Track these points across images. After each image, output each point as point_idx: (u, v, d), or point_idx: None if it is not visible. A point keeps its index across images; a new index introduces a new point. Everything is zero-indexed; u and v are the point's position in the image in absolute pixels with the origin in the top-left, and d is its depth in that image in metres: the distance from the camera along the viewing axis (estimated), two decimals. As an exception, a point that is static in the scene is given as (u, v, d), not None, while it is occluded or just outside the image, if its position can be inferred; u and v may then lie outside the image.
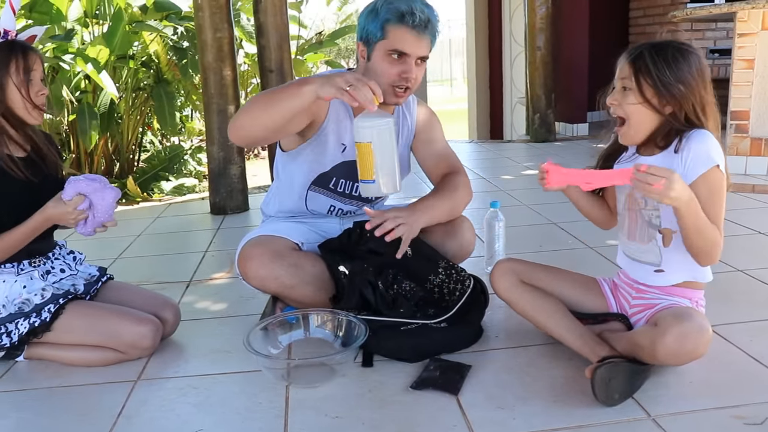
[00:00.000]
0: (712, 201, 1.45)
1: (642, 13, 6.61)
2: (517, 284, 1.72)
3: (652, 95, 1.45)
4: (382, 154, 1.60)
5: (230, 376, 1.71)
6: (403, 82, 1.77)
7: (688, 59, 1.46)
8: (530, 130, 5.80)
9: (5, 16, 1.71)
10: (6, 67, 1.69)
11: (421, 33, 1.75)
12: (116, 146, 5.16)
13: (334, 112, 1.89)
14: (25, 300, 1.75)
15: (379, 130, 1.59)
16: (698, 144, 1.45)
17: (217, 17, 3.35)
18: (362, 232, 1.91)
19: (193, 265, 2.71)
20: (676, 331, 1.41)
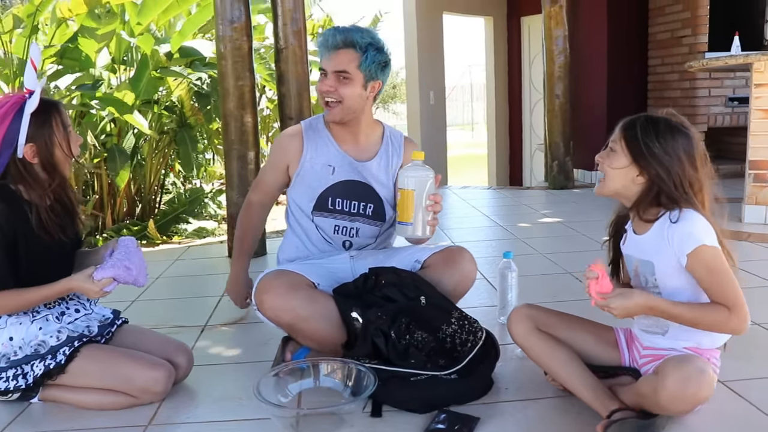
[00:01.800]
0: (713, 279, 1.47)
1: (660, 61, 6.66)
2: (532, 331, 1.72)
3: (633, 161, 1.51)
4: (421, 201, 1.83)
5: (240, 424, 1.71)
6: (323, 95, 2.03)
7: (677, 137, 1.50)
8: (549, 176, 5.82)
9: (30, 76, 1.78)
10: (49, 127, 1.76)
11: (330, 51, 2.01)
12: (138, 188, 5.26)
13: (309, 143, 2.11)
14: (41, 342, 1.78)
15: (422, 180, 1.84)
16: (681, 226, 1.47)
17: (239, 66, 3.45)
18: (378, 278, 1.93)
19: (209, 309, 2.74)
20: (676, 376, 1.40)
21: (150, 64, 4.69)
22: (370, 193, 2.11)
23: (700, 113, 6.00)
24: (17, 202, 1.75)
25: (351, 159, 2.11)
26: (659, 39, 6.64)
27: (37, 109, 1.74)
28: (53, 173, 1.79)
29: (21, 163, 1.75)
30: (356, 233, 2.12)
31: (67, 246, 1.87)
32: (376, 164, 2.13)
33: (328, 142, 2.12)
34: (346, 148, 2.12)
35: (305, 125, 2.17)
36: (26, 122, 1.73)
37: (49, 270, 1.79)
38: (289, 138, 2.16)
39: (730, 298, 1.45)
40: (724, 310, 1.45)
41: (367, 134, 2.15)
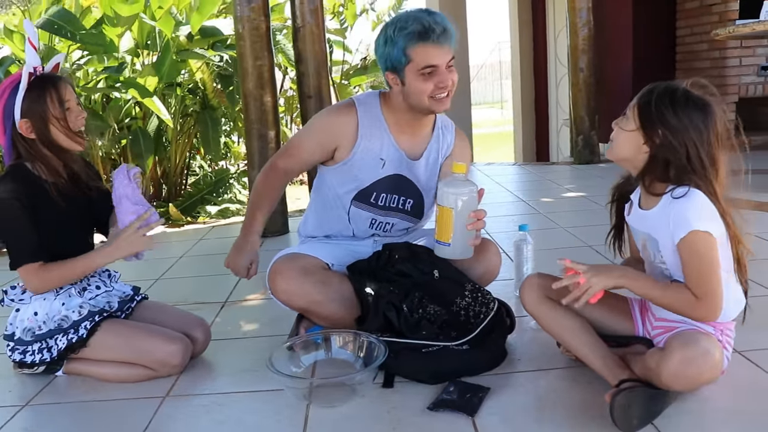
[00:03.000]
0: (692, 264, 1.44)
1: (689, 31, 6.49)
2: (543, 300, 1.71)
3: (641, 126, 1.47)
4: (461, 221, 1.70)
5: (255, 395, 1.75)
6: (441, 91, 1.86)
7: (693, 109, 1.45)
8: (574, 151, 5.75)
9: (30, 54, 1.82)
10: (43, 103, 1.78)
11: (442, 43, 1.83)
12: (164, 171, 5.34)
13: (365, 131, 1.97)
14: (64, 317, 1.84)
15: (463, 199, 1.70)
16: (681, 207, 1.44)
17: (257, 46, 3.46)
18: (391, 254, 1.94)
19: (229, 286, 2.78)
20: (679, 356, 1.39)
21: (172, 48, 4.74)
22: (413, 189, 2.04)
23: (730, 83, 5.84)
24: (32, 180, 1.80)
25: (403, 155, 2.00)
26: (688, 8, 6.47)
27: (33, 84, 1.78)
28: (54, 149, 1.83)
29: (24, 140, 1.80)
30: (390, 228, 2.09)
31: (86, 214, 1.93)
32: (424, 163, 2.04)
33: (384, 132, 1.99)
34: (401, 142, 2.00)
35: (361, 109, 1.99)
36: (20, 97, 1.77)
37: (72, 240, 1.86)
38: (345, 120, 1.99)
39: (701, 287, 1.43)
40: (692, 297, 1.44)
41: (429, 122, 2.05)
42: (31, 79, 1.79)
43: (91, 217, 1.96)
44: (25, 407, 1.77)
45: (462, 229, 1.72)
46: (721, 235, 1.46)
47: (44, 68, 1.85)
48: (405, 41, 1.82)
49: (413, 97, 1.89)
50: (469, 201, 1.71)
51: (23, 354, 1.85)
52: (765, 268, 2.38)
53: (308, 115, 3.75)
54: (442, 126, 2.09)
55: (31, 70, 1.78)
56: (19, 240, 1.78)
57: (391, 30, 1.86)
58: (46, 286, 1.82)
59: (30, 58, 1.80)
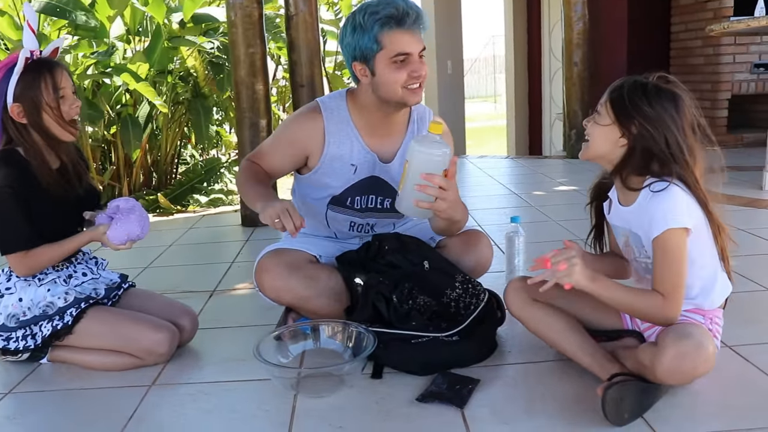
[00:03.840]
0: (665, 263, 1.44)
1: (684, 27, 6.49)
2: (528, 302, 1.70)
3: (616, 119, 1.47)
4: (411, 177, 1.62)
5: (241, 384, 1.73)
6: (414, 81, 1.78)
7: (664, 99, 1.46)
8: (567, 146, 5.74)
9: (27, 37, 1.78)
10: (37, 88, 1.74)
11: (415, 30, 1.77)
12: (155, 159, 5.30)
13: (332, 137, 1.89)
14: (49, 303, 1.81)
15: (419, 155, 1.62)
16: (658, 201, 1.44)
17: (249, 33, 3.43)
18: (381, 245, 1.92)
19: (218, 275, 2.76)
20: (673, 351, 1.38)
21: (163, 34, 4.69)
22: (389, 188, 1.96)
23: (724, 80, 5.85)
24: (23, 166, 1.77)
25: (375, 158, 1.92)
26: (682, 4, 6.47)
27: (28, 68, 1.74)
28: (45, 136, 1.79)
29: (14, 125, 1.77)
30: (371, 228, 2.05)
31: (75, 205, 1.89)
32: (398, 164, 1.93)
33: (353, 136, 1.90)
34: (372, 144, 1.92)
35: (327, 114, 1.90)
36: (13, 81, 1.73)
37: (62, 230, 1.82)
38: (310, 127, 1.90)
39: (667, 285, 1.44)
40: (659, 297, 1.44)
41: (401, 119, 1.95)
42: (28, 62, 1.75)
43: (78, 211, 1.91)
44: (8, 395, 1.74)
45: (410, 186, 1.63)
46: (698, 224, 1.46)
47: (42, 52, 1.81)
48: (378, 26, 1.73)
49: (384, 89, 1.79)
50: (426, 161, 1.61)
51: (7, 341, 1.83)
52: (754, 263, 2.38)
53: (300, 104, 3.71)
54: (418, 119, 1.99)
55: (27, 54, 1.74)
56: (7, 227, 1.75)
57: (360, 16, 1.76)
58: (32, 272, 1.81)
59: (27, 42, 1.77)
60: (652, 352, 1.42)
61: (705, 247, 1.50)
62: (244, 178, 1.92)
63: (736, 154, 5.00)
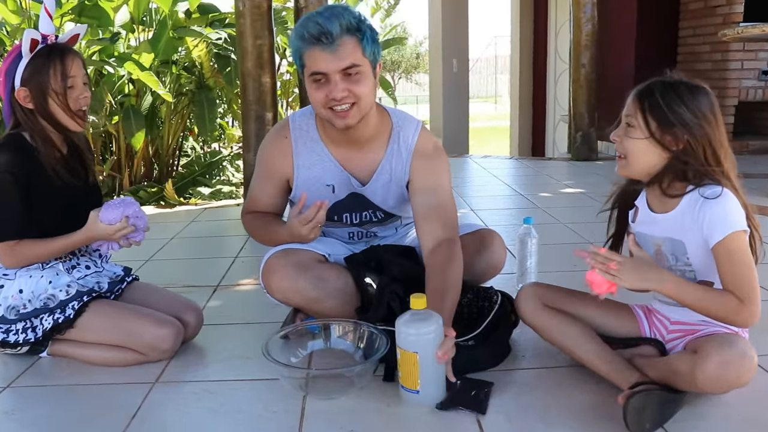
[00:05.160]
0: (734, 267, 1.37)
1: (692, 32, 6.45)
2: (541, 309, 1.65)
3: (657, 131, 1.40)
4: (429, 364, 1.47)
5: (248, 383, 1.68)
6: (333, 102, 1.63)
7: (700, 97, 1.40)
8: (572, 148, 5.69)
9: (42, 20, 1.73)
10: (45, 74, 1.69)
11: (328, 47, 1.59)
12: (156, 150, 5.23)
13: (301, 160, 1.83)
14: (50, 296, 1.76)
15: (426, 339, 1.46)
16: (717, 209, 1.37)
17: (258, 24, 3.37)
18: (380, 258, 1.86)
19: (222, 270, 2.71)
20: (717, 359, 1.33)
21: (169, 24, 4.63)
22: (373, 205, 1.89)
23: (731, 86, 5.81)
24: (28, 152, 1.72)
25: (350, 178, 1.84)
26: (691, 8, 6.42)
27: (40, 52, 1.69)
28: (52, 123, 1.74)
29: (22, 109, 1.71)
30: (374, 235, 1.99)
31: (80, 196, 1.83)
32: (377, 187, 1.85)
33: (323, 155, 1.82)
34: (346, 162, 1.82)
35: (295, 134, 1.82)
36: (23, 63, 1.68)
37: (63, 220, 1.76)
38: (279, 151, 1.84)
39: (743, 290, 1.36)
40: (735, 300, 1.36)
41: (373, 135, 1.81)
42: (38, 46, 1.69)
43: (82, 203, 1.83)
44: (7, 389, 1.69)
45: (432, 373, 1.48)
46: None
47: (57, 38, 1.75)
48: (296, 44, 1.64)
49: (313, 106, 1.71)
50: (435, 340, 1.46)
51: (6, 333, 1.77)
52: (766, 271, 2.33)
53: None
54: (401, 138, 1.83)
55: (36, 36, 1.69)
56: (2, 214, 1.70)
57: (294, 33, 1.67)
58: (19, 264, 1.75)
59: (43, 25, 1.71)
60: (692, 359, 1.37)
61: None
62: (253, 230, 1.93)
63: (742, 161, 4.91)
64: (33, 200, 1.71)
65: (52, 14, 1.75)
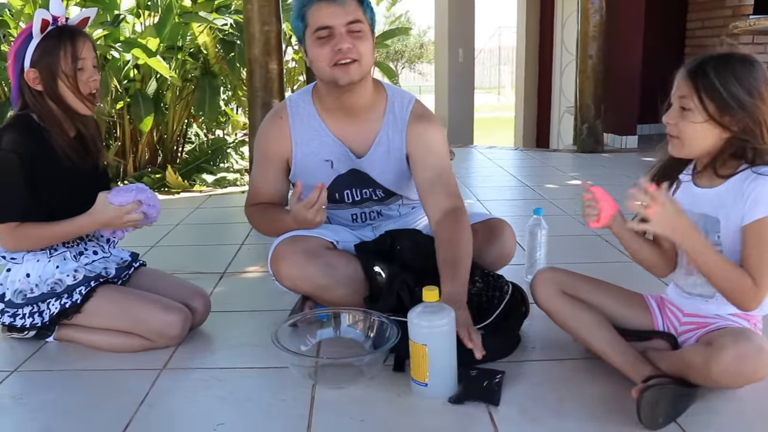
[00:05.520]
0: (762, 248, 1.34)
1: (700, 24, 6.40)
2: (558, 294, 1.64)
3: (716, 112, 1.34)
4: (438, 358, 1.47)
5: (257, 371, 1.67)
6: (339, 55, 1.67)
7: (754, 73, 1.34)
8: (578, 140, 5.66)
9: (53, 2, 1.70)
10: (55, 56, 1.67)
11: (338, 1, 1.66)
12: (161, 137, 5.21)
13: (298, 136, 1.84)
14: (57, 280, 1.74)
15: (437, 332, 1.45)
16: (765, 187, 1.33)
17: (265, 10, 3.34)
18: (393, 243, 1.84)
19: (228, 256, 2.69)
20: (733, 352, 1.31)
21: (175, 9, 4.59)
22: (372, 180, 1.90)
23: (739, 80, 5.77)
24: (37, 132, 1.70)
25: (348, 152, 1.85)
26: (700, 0, 6.38)
27: (50, 34, 1.67)
28: (61, 106, 1.72)
29: (31, 91, 1.69)
30: (378, 215, 1.98)
31: (89, 179, 1.81)
32: (374, 158, 1.86)
33: (320, 130, 1.84)
34: (343, 136, 1.84)
35: (292, 111, 1.85)
36: (33, 44, 1.66)
37: (69, 202, 1.74)
38: (276, 131, 1.86)
39: (763, 274, 1.34)
40: (750, 281, 1.34)
41: (369, 105, 1.83)
42: (48, 27, 1.67)
43: (90, 187, 1.80)
44: (14, 373, 1.68)
45: (441, 366, 1.47)
46: None
47: (68, 20, 1.73)
48: (303, 3, 1.68)
49: (315, 68, 1.72)
50: (447, 333, 1.46)
51: (13, 317, 1.76)
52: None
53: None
54: (397, 108, 1.86)
55: (47, 17, 1.66)
56: (5, 195, 1.68)
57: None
58: (20, 247, 1.73)
59: (54, 6, 1.69)
60: (707, 352, 1.35)
61: None
62: (258, 221, 1.94)
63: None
64: (39, 182, 1.69)
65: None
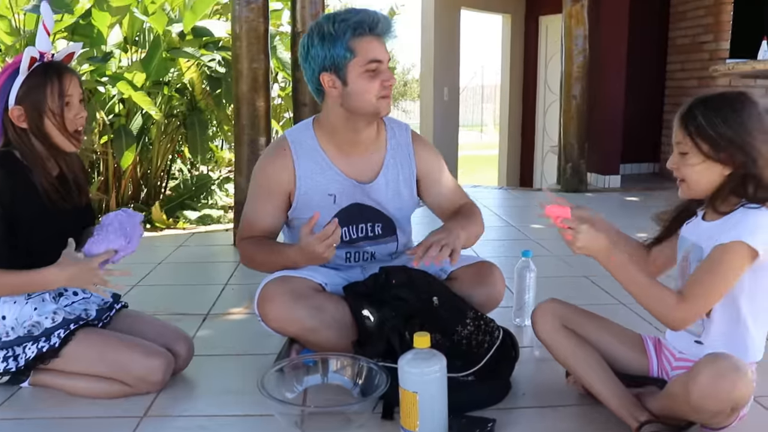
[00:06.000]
0: (708, 270, 1.36)
1: (680, 66, 6.53)
2: (558, 328, 1.61)
3: (711, 152, 1.36)
4: (429, 406, 1.43)
5: (241, 419, 1.62)
6: (387, 90, 1.75)
7: (743, 111, 1.36)
8: (561, 179, 5.70)
9: (40, 37, 1.68)
10: (42, 93, 1.64)
11: (386, 39, 1.75)
12: (144, 172, 5.16)
13: (303, 171, 1.84)
14: (35, 323, 1.69)
15: (428, 380, 1.42)
16: (745, 217, 1.35)
17: (254, 47, 3.34)
18: (387, 278, 1.82)
19: (211, 297, 2.64)
20: (709, 371, 1.28)
21: (162, 45, 4.59)
22: (376, 213, 1.91)
23: (718, 121, 5.87)
24: (19, 169, 1.66)
25: (354, 182, 1.87)
26: (679, 44, 6.52)
27: (36, 70, 1.64)
28: (46, 143, 1.68)
29: (14, 128, 1.66)
30: (371, 257, 1.96)
31: (70, 219, 1.77)
32: (382, 183, 1.90)
33: (325, 165, 1.84)
34: (347, 169, 1.86)
35: (294, 146, 1.85)
36: (18, 81, 1.63)
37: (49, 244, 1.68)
38: (280, 165, 1.84)
39: (696, 290, 1.35)
40: (674, 297, 1.36)
41: (374, 136, 1.88)
42: (35, 64, 1.65)
43: (72, 226, 1.77)
44: (-15, 421, 1.61)
45: (432, 415, 1.43)
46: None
47: (54, 56, 1.70)
48: (350, 32, 1.69)
49: (356, 99, 1.74)
50: (438, 380, 1.43)
51: (-13, 361, 1.69)
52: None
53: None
54: (396, 134, 1.94)
55: (35, 54, 1.64)
56: None
57: (329, 25, 1.71)
58: None
59: (40, 42, 1.66)
60: (685, 377, 1.33)
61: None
62: (253, 254, 1.87)
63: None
64: (18, 224, 1.64)
65: (50, 31, 1.71)
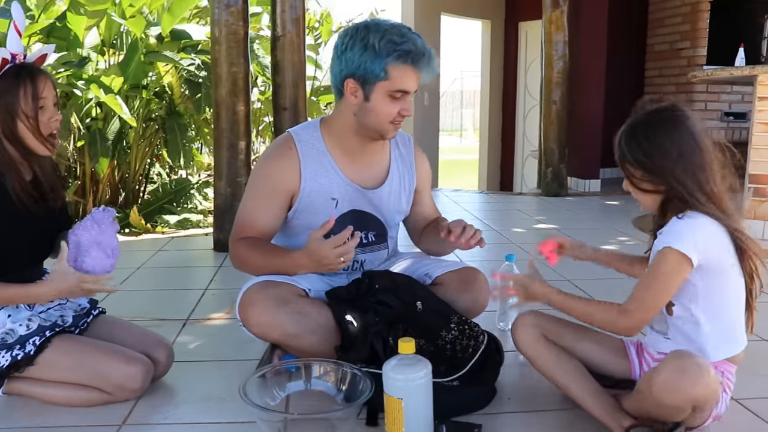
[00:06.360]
0: (644, 276, 1.42)
1: (658, 72, 6.61)
2: (539, 339, 1.62)
3: (642, 179, 1.43)
4: (414, 412, 1.41)
5: (223, 427, 1.59)
6: (401, 119, 1.77)
7: (660, 135, 1.39)
8: (542, 183, 5.73)
9: (11, 39, 1.64)
10: (15, 96, 1.60)
11: (423, 70, 1.74)
12: (122, 176, 5.10)
13: (308, 171, 1.81)
14: (9, 330, 1.64)
15: (413, 386, 1.41)
16: (673, 226, 1.39)
17: (233, 51, 3.32)
18: (371, 282, 1.80)
19: (191, 303, 2.60)
20: (672, 366, 1.31)
21: (140, 48, 4.54)
22: (373, 220, 1.91)
23: (695, 126, 5.94)
24: None
25: (358, 187, 1.86)
26: (657, 50, 6.61)
27: (8, 72, 1.60)
28: (19, 148, 1.64)
29: None
30: (361, 266, 1.94)
31: (45, 224, 1.73)
32: (387, 191, 1.91)
33: (330, 168, 1.83)
34: (352, 174, 1.85)
35: (302, 146, 1.82)
36: None
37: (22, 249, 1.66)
38: (286, 164, 1.80)
39: (635, 296, 1.40)
40: (615, 310, 1.42)
41: (378, 144, 1.89)
42: (7, 65, 1.60)
43: (46, 231, 1.74)
44: (-42, 431, 1.57)
45: (417, 421, 1.42)
46: (721, 265, 1.39)
47: (26, 57, 1.66)
48: (394, 57, 1.68)
49: (371, 117, 1.75)
50: (424, 386, 1.42)
51: (-41, 370, 1.65)
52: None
53: (282, 127, 3.61)
54: (400, 144, 1.99)
55: (6, 56, 1.60)
56: None
57: (376, 39, 1.68)
58: None
59: (11, 44, 1.62)
60: (651, 372, 1.36)
61: (730, 294, 1.42)
62: (248, 256, 1.80)
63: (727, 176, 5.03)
64: None
65: (22, 32, 1.67)
